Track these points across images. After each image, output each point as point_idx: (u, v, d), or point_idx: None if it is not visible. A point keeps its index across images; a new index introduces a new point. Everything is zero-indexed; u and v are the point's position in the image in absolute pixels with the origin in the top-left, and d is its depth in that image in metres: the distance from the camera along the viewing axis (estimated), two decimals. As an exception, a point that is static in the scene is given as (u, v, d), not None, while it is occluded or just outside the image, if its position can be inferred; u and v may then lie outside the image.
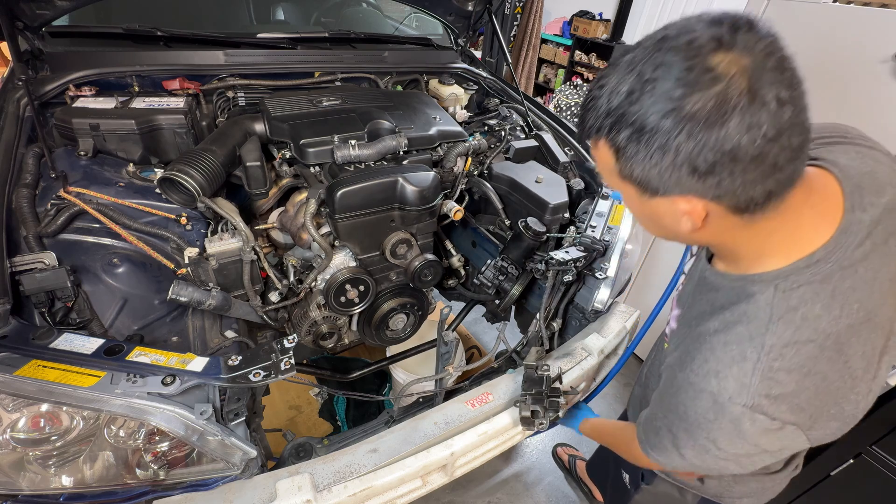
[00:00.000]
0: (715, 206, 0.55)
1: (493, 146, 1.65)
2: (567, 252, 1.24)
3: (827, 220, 0.60)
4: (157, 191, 1.17)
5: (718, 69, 0.47)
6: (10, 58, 1.25)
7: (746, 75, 0.47)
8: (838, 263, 0.58)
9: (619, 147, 0.54)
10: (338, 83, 1.72)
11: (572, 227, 1.47)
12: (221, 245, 1.16)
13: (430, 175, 1.33)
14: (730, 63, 0.47)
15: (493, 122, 1.77)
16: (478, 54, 3.84)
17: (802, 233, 0.60)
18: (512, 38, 5.68)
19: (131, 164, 1.26)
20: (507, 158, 1.67)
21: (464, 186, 1.57)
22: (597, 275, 1.28)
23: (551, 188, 1.49)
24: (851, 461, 1.29)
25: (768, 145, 0.48)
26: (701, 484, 1.02)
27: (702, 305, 0.72)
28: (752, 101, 0.47)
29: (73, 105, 1.28)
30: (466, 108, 1.93)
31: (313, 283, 1.36)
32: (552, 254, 1.22)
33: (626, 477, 1.26)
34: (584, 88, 3.87)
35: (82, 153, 1.21)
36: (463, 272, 1.76)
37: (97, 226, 1.10)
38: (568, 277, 1.23)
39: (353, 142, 1.31)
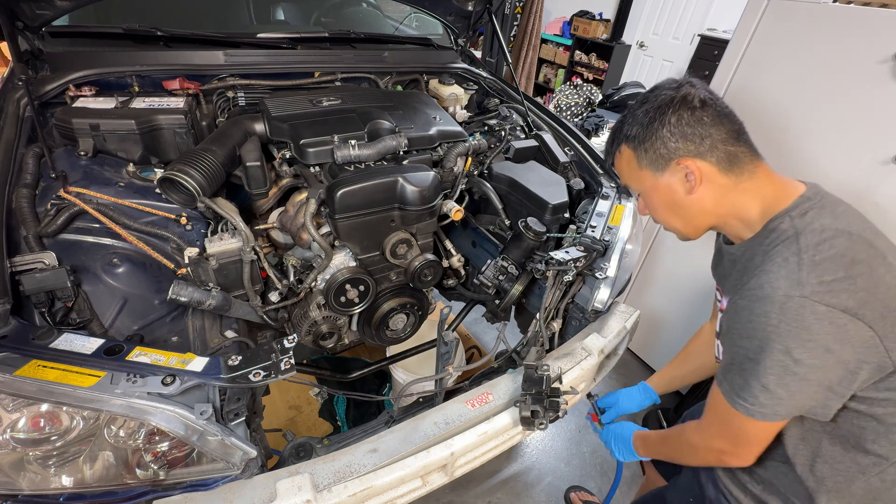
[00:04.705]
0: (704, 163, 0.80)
1: (493, 146, 1.65)
2: (567, 252, 1.24)
3: (796, 185, 0.81)
4: (157, 191, 1.17)
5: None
6: (10, 58, 1.25)
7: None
8: (821, 202, 0.76)
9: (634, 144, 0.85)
10: (338, 83, 1.72)
11: (572, 227, 1.47)
12: (221, 245, 1.16)
13: (430, 175, 1.33)
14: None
15: (493, 122, 1.77)
16: (478, 54, 3.84)
17: (786, 188, 0.80)
18: (512, 38, 5.69)
19: (131, 164, 1.26)
20: (507, 158, 1.67)
21: (464, 186, 1.57)
22: (597, 275, 1.28)
23: (551, 188, 1.49)
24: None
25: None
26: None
27: (739, 277, 0.85)
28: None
29: (73, 105, 1.28)
30: (466, 108, 1.93)
31: (313, 283, 1.36)
32: (552, 254, 1.22)
33: None
34: (585, 88, 3.89)
35: (82, 153, 1.21)
36: (463, 272, 1.76)
37: (97, 226, 1.10)
38: (568, 277, 1.23)
39: (353, 142, 1.31)
